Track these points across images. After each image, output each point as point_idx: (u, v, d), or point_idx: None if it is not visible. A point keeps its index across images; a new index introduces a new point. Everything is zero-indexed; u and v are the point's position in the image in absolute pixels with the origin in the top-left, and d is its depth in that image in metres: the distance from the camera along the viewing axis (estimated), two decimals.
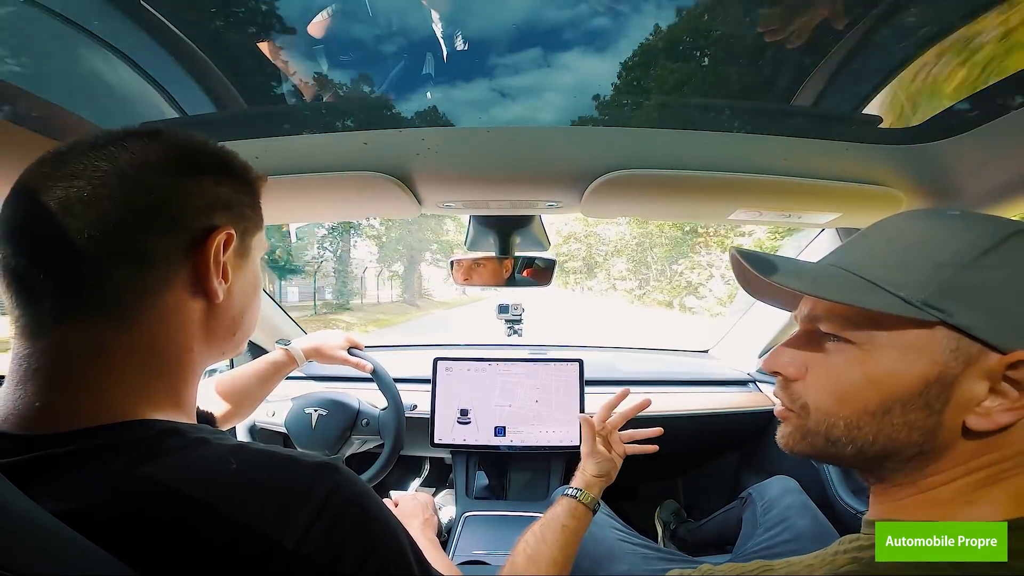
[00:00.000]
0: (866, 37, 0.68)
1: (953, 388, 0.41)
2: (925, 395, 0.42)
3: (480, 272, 1.39)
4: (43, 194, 0.41)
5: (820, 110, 0.81)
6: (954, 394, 0.41)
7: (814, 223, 1.23)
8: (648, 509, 1.92)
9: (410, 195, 1.02)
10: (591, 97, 0.78)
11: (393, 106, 0.83)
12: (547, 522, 0.81)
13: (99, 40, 0.71)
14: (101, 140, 0.44)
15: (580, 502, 0.84)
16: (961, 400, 0.41)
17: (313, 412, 1.34)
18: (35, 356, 0.41)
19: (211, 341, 0.50)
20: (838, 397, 0.47)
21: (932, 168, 0.88)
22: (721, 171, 0.94)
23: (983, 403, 0.41)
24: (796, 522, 1.15)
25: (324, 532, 0.38)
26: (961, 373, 0.41)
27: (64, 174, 0.41)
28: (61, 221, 0.40)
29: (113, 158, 0.43)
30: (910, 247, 0.45)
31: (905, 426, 0.43)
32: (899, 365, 0.43)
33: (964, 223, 0.44)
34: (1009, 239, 0.40)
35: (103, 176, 0.42)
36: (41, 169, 0.42)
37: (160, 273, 0.44)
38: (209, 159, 0.49)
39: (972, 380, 0.41)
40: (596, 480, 0.90)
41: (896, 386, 0.43)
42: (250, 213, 0.53)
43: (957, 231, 0.43)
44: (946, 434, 0.42)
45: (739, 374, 1.90)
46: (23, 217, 0.41)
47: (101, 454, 0.39)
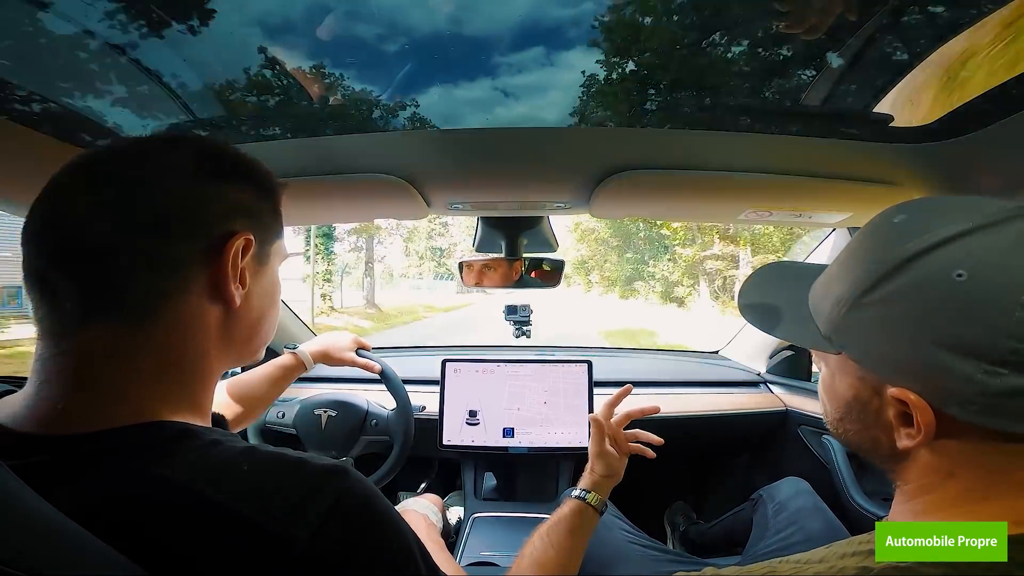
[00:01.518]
0: (877, 33, 0.67)
1: (877, 410, 0.45)
2: (855, 411, 0.47)
3: (488, 274, 1.39)
4: (70, 198, 0.42)
5: (830, 109, 0.80)
6: (880, 414, 0.44)
7: (825, 223, 1.22)
8: (657, 510, 1.91)
9: (418, 197, 1.03)
10: (594, 96, 0.78)
11: (399, 107, 0.83)
12: (554, 524, 0.80)
13: (114, 45, 0.72)
14: (128, 146, 0.46)
15: (588, 504, 0.83)
16: (885, 422, 0.44)
17: (322, 413, 1.35)
18: (57, 358, 0.41)
19: (229, 346, 0.50)
20: (823, 402, 0.54)
21: (945, 167, 0.87)
22: (730, 171, 0.93)
23: (897, 428, 0.43)
24: (807, 524, 1.14)
25: (334, 532, 0.39)
26: (872, 398, 0.45)
27: (91, 178, 0.43)
28: (85, 224, 0.41)
29: (138, 164, 0.44)
30: (831, 274, 0.49)
31: (855, 434, 0.49)
32: (835, 383, 0.49)
33: (876, 243, 0.45)
34: (891, 275, 0.41)
35: (127, 182, 0.43)
36: (69, 174, 0.44)
37: (180, 277, 0.45)
38: (232, 165, 0.50)
39: (886, 406, 0.43)
40: (604, 480, 0.89)
41: (837, 400, 0.49)
42: (270, 220, 0.53)
43: (859, 258, 0.45)
44: (891, 447, 0.44)
45: (749, 375, 1.88)
46: (49, 220, 0.42)
47: (118, 454, 0.39)
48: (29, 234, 0.42)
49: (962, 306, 0.37)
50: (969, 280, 0.37)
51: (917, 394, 0.40)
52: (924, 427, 0.40)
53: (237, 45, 0.72)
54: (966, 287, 0.37)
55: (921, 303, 0.39)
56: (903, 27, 0.67)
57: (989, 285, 0.37)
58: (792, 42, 0.69)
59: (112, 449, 0.39)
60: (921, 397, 0.40)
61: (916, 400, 0.40)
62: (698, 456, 2.04)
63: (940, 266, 0.38)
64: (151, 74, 0.77)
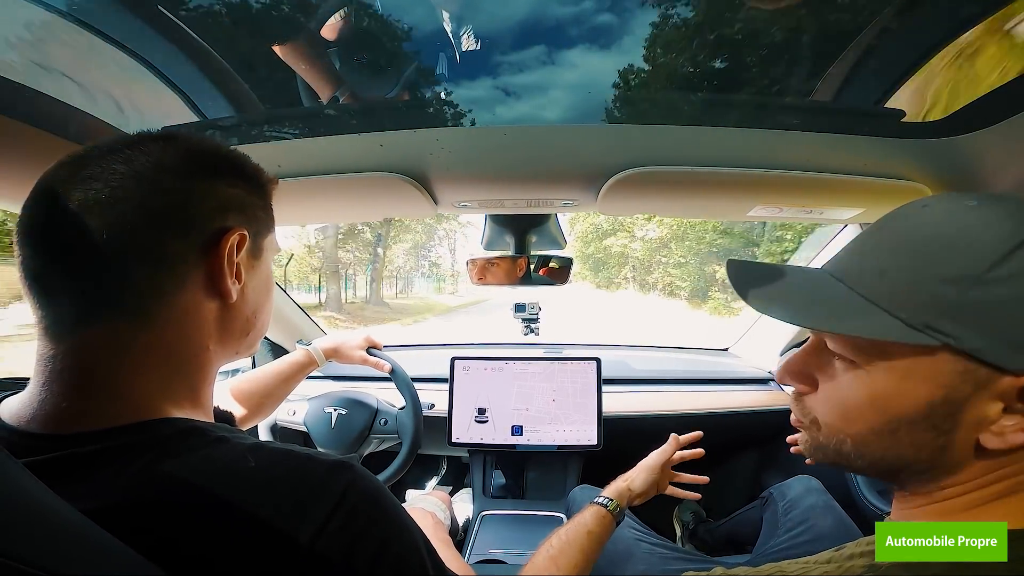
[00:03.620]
0: (888, 28, 0.66)
1: (963, 409, 0.39)
2: (931, 417, 0.40)
3: (495, 271, 1.39)
4: (62, 196, 0.42)
5: (841, 104, 0.79)
6: (964, 415, 0.39)
7: (836, 219, 1.20)
8: (667, 509, 1.91)
9: (426, 195, 1.03)
10: (597, 94, 0.78)
11: (406, 106, 0.83)
12: (572, 526, 0.83)
13: (119, 44, 0.72)
14: (119, 143, 0.45)
15: (609, 511, 0.86)
16: (972, 420, 0.39)
17: (333, 411, 1.35)
18: (59, 357, 0.42)
19: (226, 341, 0.51)
20: (844, 416, 0.45)
21: (958, 162, 0.86)
22: (740, 167, 0.93)
23: (998, 422, 0.38)
24: (818, 523, 1.13)
25: (339, 528, 0.39)
26: (971, 395, 0.39)
27: (83, 176, 0.42)
28: (80, 223, 0.41)
29: (131, 161, 0.44)
30: (915, 255, 0.41)
31: (912, 446, 0.42)
32: (903, 387, 0.41)
33: (979, 222, 0.39)
34: (1021, 246, 0.36)
35: (121, 178, 0.43)
36: (60, 172, 0.44)
37: (176, 273, 0.45)
38: (223, 162, 0.50)
39: (984, 401, 0.38)
40: (630, 493, 0.94)
41: (900, 409, 0.41)
42: (262, 215, 0.54)
43: (968, 236, 0.39)
44: (958, 452, 0.40)
45: (759, 372, 1.87)
46: (43, 219, 0.42)
47: (126, 452, 0.40)
48: (23, 233, 0.43)
49: None
50: None
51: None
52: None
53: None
54: None
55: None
56: (916, 21, 0.67)
57: None
58: (798, 41, 0.68)
59: (120, 447, 0.40)
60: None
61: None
62: (708, 454, 2.02)
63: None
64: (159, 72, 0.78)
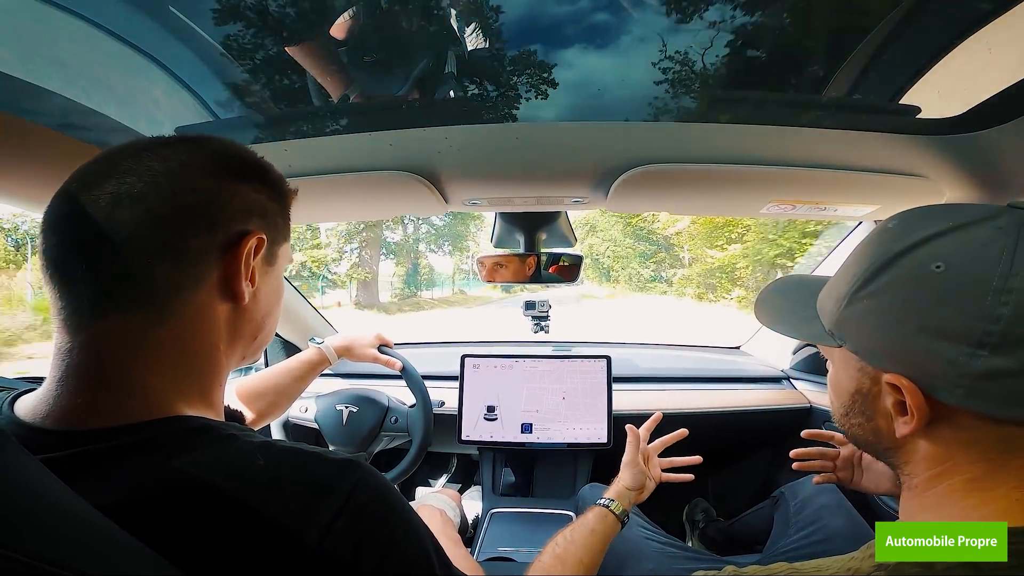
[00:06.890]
0: (903, 23, 0.65)
1: (876, 400, 0.48)
2: (857, 403, 0.50)
3: (505, 269, 1.39)
4: (95, 188, 0.43)
5: (855, 101, 0.78)
6: (877, 404, 0.48)
7: (851, 216, 1.19)
8: (677, 507, 1.90)
9: (436, 193, 1.03)
10: (595, 93, 0.78)
11: (415, 105, 0.84)
12: (577, 526, 0.84)
13: (134, 47, 0.73)
14: (154, 143, 0.47)
15: (611, 512, 0.87)
16: (884, 410, 0.47)
17: (344, 409, 1.37)
18: (75, 351, 0.43)
19: (235, 343, 0.52)
20: (830, 400, 0.57)
21: (974, 158, 0.85)
22: (752, 164, 0.92)
23: (896, 415, 0.46)
24: (830, 522, 1.12)
25: (347, 527, 0.39)
26: (871, 388, 0.48)
27: (119, 170, 0.44)
28: (110, 214, 0.42)
29: (164, 158, 0.45)
30: (839, 275, 0.52)
31: (860, 427, 0.51)
32: (839, 378, 0.53)
33: (863, 248, 0.50)
34: (881, 270, 0.45)
35: (154, 175, 0.44)
36: (95, 166, 0.45)
37: (195, 271, 0.46)
38: (250, 167, 0.52)
39: (885, 394, 0.46)
40: (628, 492, 0.93)
41: (842, 395, 0.52)
42: (280, 223, 0.55)
43: (856, 261, 0.49)
44: (888, 437, 0.48)
45: (772, 371, 1.85)
46: (73, 208, 0.43)
47: (139, 449, 0.40)
48: (50, 222, 0.43)
49: (941, 294, 0.41)
50: (946, 271, 0.41)
51: (908, 379, 0.43)
52: (917, 411, 0.43)
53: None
54: (944, 277, 0.41)
55: (906, 293, 0.44)
56: (931, 15, 0.66)
57: (964, 275, 0.41)
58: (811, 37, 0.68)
59: (133, 444, 0.40)
60: (912, 382, 0.43)
61: (908, 385, 0.43)
62: (719, 453, 2.01)
63: (921, 260, 0.43)
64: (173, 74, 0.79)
